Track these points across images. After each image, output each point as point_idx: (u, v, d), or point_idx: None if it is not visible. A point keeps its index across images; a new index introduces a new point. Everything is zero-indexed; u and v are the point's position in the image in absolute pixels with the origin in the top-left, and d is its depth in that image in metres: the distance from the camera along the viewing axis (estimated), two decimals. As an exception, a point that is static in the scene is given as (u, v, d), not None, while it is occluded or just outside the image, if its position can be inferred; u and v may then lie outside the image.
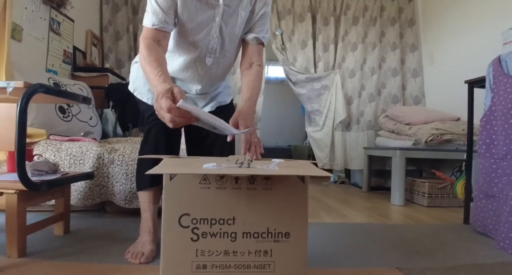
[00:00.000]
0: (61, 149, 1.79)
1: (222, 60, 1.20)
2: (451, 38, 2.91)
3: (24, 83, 1.08)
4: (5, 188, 1.13)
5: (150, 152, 1.20)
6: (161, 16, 1.03)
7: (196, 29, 1.10)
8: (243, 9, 1.13)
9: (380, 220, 1.91)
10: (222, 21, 1.11)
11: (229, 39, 1.16)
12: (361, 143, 3.26)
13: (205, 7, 1.08)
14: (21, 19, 2.15)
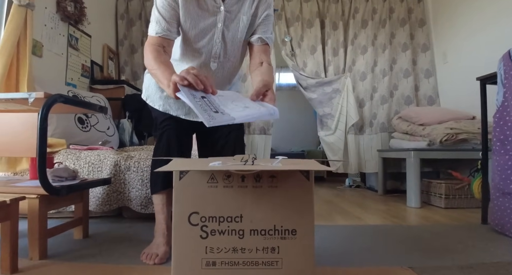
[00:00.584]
0: (80, 157, 1.87)
1: (226, 65, 1.24)
2: (464, 36, 2.87)
3: (44, 94, 1.15)
4: (27, 193, 1.20)
5: (163, 155, 1.24)
6: (164, 24, 1.08)
7: (199, 36, 1.14)
8: (245, 13, 1.16)
9: (395, 222, 1.89)
10: (224, 27, 1.15)
11: (232, 44, 1.20)
12: (375, 146, 3.23)
13: (206, 13, 1.12)
14: (41, 36, 2.28)
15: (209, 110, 0.77)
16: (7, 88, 1.88)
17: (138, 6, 3.39)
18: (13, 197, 1.05)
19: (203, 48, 1.17)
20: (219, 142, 1.35)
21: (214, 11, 1.12)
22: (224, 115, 0.76)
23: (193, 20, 1.12)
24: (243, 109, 0.84)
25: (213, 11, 1.12)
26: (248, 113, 0.82)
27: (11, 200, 1.04)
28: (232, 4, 1.14)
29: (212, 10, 1.12)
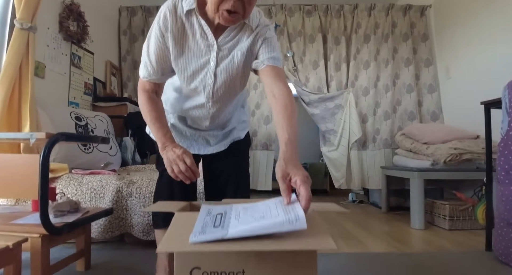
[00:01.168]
0: (83, 182, 1.87)
1: (222, 101, 1.17)
2: (467, 51, 2.86)
3: (46, 134, 1.15)
4: (29, 232, 1.20)
5: (166, 191, 1.23)
6: (151, 69, 1.06)
7: (192, 77, 1.09)
8: (240, 49, 1.07)
9: (399, 248, 1.87)
10: (217, 65, 1.08)
11: (225, 81, 1.11)
12: (378, 162, 3.21)
13: (199, 54, 1.06)
14: (44, 57, 2.29)
15: (207, 227, 0.72)
16: (10, 113, 1.88)
17: (140, 21, 3.40)
18: (15, 240, 1.04)
19: (196, 88, 1.12)
20: (223, 175, 1.32)
21: (207, 50, 1.05)
22: (216, 232, 0.67)
23: (184, 62, 1.06)
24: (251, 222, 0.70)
25: (205, 51, 1.05)
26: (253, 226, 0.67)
27: (14, 244, 1.03)
28: (226, 41, 1.06)
29: (204, 49, 1.05)
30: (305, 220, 0.68)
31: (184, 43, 1.04)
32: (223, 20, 0.97)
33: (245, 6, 0.96)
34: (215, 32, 1.04)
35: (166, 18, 0.99)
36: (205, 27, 1.03)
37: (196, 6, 1.00)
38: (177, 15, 1.00)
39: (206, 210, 0.85)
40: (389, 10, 3.34)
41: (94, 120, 2.43)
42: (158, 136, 1.03)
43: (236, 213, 0.83)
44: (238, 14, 0.96)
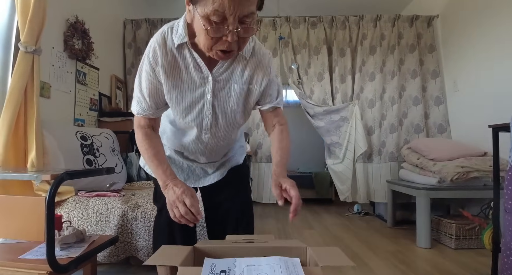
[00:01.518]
0: (88, 206, 1.88)
1: (221, 134, 1.14)
2: (475, 63, 2.82)
3: (51, 176, 1.15)
4: (37, 269, 1.21)
5: (165, 228, 1.21)
6: (145, 104, 1.02)
7: (187, 110, 1.06)
8: (236, 82, 1.04)
9: (404, 271, 1.86)
10: (214, 97, 1.04)
11: (224, 113, 1.09)
12: (384, 175, 3.19)
13: (193, 86, 1.02)
14: (49, 77, 2.30)
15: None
16: (16, 137, 1.89)
17: (145, 34, 3.40)
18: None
19: (192, 122, 1.08)
20: (224, 204, 1.30)
21: (202, 82, 1.02)
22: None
23: (178, 95, 1.02)
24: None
25: (200, 83, 1.02)
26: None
27: (20, 287, 1.04)
28: (221, 72, 1.02)
29: (199, 82, 1.02)
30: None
31: (176, 76, 1.00)
32: (217, 57, 0.93)
33: (240, 44, 0.90)
34: (208, 63, 1.00)
35: (156, 52, 0.96)
36: (198, 60, 0.98)
37: (188, 39, 0.96)
38: (167, 49, 0.97)
39: (209, 266, 0.85)
40: (395, 21, 3.30)
41: (99, 138, 2.44)
42: (158, 173, 1.02)
43: (240, 271, 0.83)
44: (233, 51, 0.92)
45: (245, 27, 0.84)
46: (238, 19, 0.81)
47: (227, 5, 0.78)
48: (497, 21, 2.56)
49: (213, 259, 0.89)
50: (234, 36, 0.84)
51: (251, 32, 0.88)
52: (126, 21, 3.41)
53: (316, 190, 4.33)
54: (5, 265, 1.22)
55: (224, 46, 0.87)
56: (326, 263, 0.89)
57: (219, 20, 0.81)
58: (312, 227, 3.01)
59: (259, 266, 0.84)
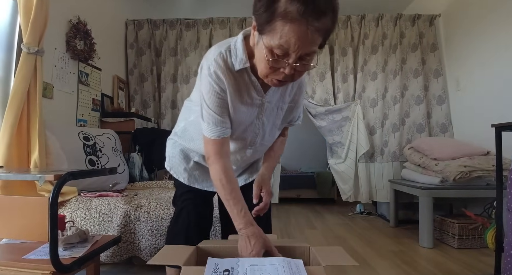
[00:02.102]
0: (91, 206, 1.89)
1: (260, 148, 1.20)
2: (477, 62, 2.81)
3: (54, 176, 1.16)
4: (40, 269, 1.21)
5: (182, 231, 1.21)
6: (225, 124, 1.02)
7: (241, 128, 1.09)
8: (283, 102, 1.12)
9: (406, 271, 1.85)
10: (265, 117, 1.10)
11: (270, 132, 1.16)
12: (386, 175, 3.18)
13: (251, 107, 1.06)
14: (52, 78, 2.31)
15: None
16: (19, 138, 1.90)
17: (147, 35, 3.41)
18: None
19: (240, 138, 1.12)
20: None
21: (258, 104, 1.06)
22: None
23: (239, 115, 1.05)
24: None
25: (256, 104, 1.06)
26: None
27: (25, 287, 1.05)
28: (273, 94, 1.07)
29: (256, 103, 1.05)
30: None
31: (238, 99, 1.02)
32: (271, 84, 0.95)
33: (295, 76, 0.91)
34: (262, 85, 1.03)
35: (219, 77, 0.97)
36: (256, 83, 1.01)
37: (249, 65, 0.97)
38: (229, 72, 0.98)
39: (212, 265, 0.86)
40: (397, 20, 3.29)
41: (102, 138, 2.45)
42: (233, 214, 0.98)
43: (243, 271, 0.83)
44: (287, 82, 0.94)
45: (304, 63, 0.86)
46: (300, 56, 0.83)
47: (293, 43, 0.80)
48: (500, 20, 2.55)
49: (216, 259, 0.89)
50: (292, 70, 0.86)
51: (308, 68, 0.91)
52: (128, 21, 3.42)
53: (318, 189, 4.33)
54: (8, 265, 1.23)
55: (280, 77, 0.90)
56: (329, 263, 0.88)
57: (281, 54, 0.83)
58: (314, 227, 3.01)
59: (262, 266, 0.84)
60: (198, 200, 1.24)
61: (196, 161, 1.26)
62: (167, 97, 3.39)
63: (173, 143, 1.33)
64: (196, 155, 1.26)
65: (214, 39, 3.35)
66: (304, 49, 0.81)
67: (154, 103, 3.42)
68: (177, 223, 1.24)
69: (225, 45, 0.99)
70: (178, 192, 1.30)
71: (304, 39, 0.79)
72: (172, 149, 1.32)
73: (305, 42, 0.80)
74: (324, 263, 0.88)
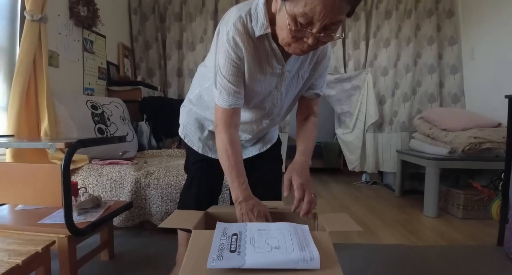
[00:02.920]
0: (102, 173, 1.94)
1: (277, 118, 1.18)
2: (495, 30, 2.67)
3: (65, 144, 1.18)
4: (56, 233, 1.27)
5: (193, 198, 1.25)
6: (235, 95, 0.97)
7: (258, 98, 1.06)
8: (304, 71, 1.06)
9: (410, 239, 1.90)
10: (283, 87, 1.06)
11: (288, 101, 1.13)
12: (394, 145, 3.17)
13: (270, 76, 1.01)
14: (56, 45, 2.28)
15: (223, 250, 0.75)
16: (28, 107, 1.91)
17: (150, 0, 3.29)
18: (44, 244, 1.11)
19: (257, 107, 1.09)
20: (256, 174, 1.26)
21: (277, 72, 1.01)
22: (234, 259, 0.70)
23: (256, 85, 1.01)
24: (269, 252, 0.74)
25: (275, 74, 1.01)
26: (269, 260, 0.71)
27: (43, 248, 1.10)
28: (294, 63, 1.02)
29: (275, 72, 1.01)
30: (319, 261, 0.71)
31: (256, 66, 0.98)
32: (293, 53, 0.90)
33: (318, 45, 0.86)
34: (283, 53, 0.96)
35: (238, 44, 0.92)
36: (276, 51, 0.96)
37: (270, 30, 0.91)
38: (249, 37, 0.92)
39: (221, 229, 0.88)
40: (414, -17, 3.11)
41: (109, 107, 2.46)
42: (234, 186, 0.98)
43: (251, 235, 0.85)
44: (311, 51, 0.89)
45: (328, 34, 0.81)
46: (324, 25, 0.78)
47: (318, 12, 0.74)
48: (525, -18, 2.39)
49: (225, 223, 0.92)
50: (315, 40, 0.81)
51: (332, 39, 0.84)
52: (131, -15, 3.30)
53: (324, 159, 4.35)
54: (25, 230, 1.29)
55: (303, 47, 0.85)
56: (334, 229, 0.90)
57: (305, 23, 0.78)
58: (320, 195, 3.06)
59: (269, 231, 0.87)
60: (210, 169, 1.24)
61: (211, 130, 1.25)
62: (173, 65, 3.34)
63: (188, 111, 1.31)
64: (211, 124, 1.24)
65: (220, 3, 3.22)
66: (330, 18, 0.76)
67: (160, 71, 3.37)
68: (188, 190, 1.27)
69: (246, 9, 0.92)
70: (191, 159, 1.31)
71: (331, 7, 0.74)
72: (187, 117, 1.31)
73: (331, 11, 0.74)
74: (329, 229, 0.90)
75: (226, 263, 0.70)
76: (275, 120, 1.18)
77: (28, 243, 1.10)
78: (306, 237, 0.82)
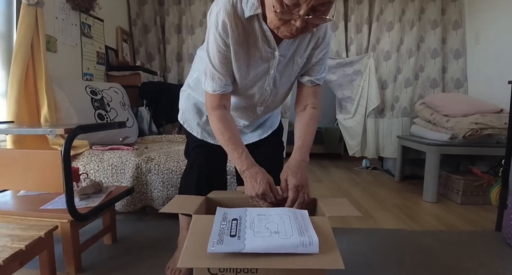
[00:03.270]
0: (103, 159, 1.95)
1: (272, 105, 1.15)
2: (501, 14, 2.61)
3: (65, 130, 1.17)
4: (59, 218, 1.29)
5: (193, 184, 1.25)
6: (221, 80, 0.98)
7: (249, 85, 1.03)
8: (300, 56, 1.01)
9: (409, 224, 1.92)
10: (277, 72, 1.02)
11: (282, 88, 1.09)
12: (395, 131, 3.16)
13: (259, 61, 0.99)
14: (54, 30, 2.24)
15: (224, 234, 0.76)
16: (27, 93, 1.90)
17: (149, -19, 3.22)
18: (47, 229, 1.13)
19: (252, 95, 1.07)
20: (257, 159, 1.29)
21: (268, 57, 0.98)
22: (233, 243, 0.71)
23: (245, 68, 0.99)
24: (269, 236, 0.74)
25: (266, 58, 0.98)
26: (269, 244, 0.72)
27: (46, 233, 1.12)
28: (288, 47, 0.98)
29: (265, 57, 0.98)
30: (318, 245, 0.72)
31: (245, 49, 0.95)
32: (282, 37, 0.87)
33: (309, 28, 0.83)
34: (275, 36, 0.93)
35: (225, 23, 0.89)
36: (267, 33, 0.93)
37: (261, 11, 0.88)
38: (238, 19, 0.90)
39: (221, 214, 0.89)
40: (419, -37, 3.02)
41: (109, 92, 2.44)
42: (233, 157, 0.99)
43: (251, 219, 0.86)
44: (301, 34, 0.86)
45: (318, 16, 0.77)
46: (312, 6, 0.74)
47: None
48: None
49: (225, 208, 0.92)
50: (303, 22, 0.78)
51: (323, 21, 0.81)
52: (128, -34, 3.21)
53: (325, 145, 4.35)
54: (28, 215, 1.30)
55: (292, 30, 0.82)
56: (333, 214, 0.91)
57: (291, 4, 0.75)
58: (320, 180, 3.08)
59: (269, 216, 0.88)
60: (210, 154, 1.25)
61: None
62: (172, 50, 3.29)
63: (186, 96, 1.30)
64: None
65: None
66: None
67: (159, 56, 3.33)
68: (188, 175, 1.28)
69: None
70: (191, 145, 1.32)
71: None
72: (186, 102, 1.30)
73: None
74: (329, 214, 0.90)
75: (226, 247, 0.71)
76: (270, 107, 1.15)
77: (31, 228, 1.12)
78: (305, 222, 0.83)
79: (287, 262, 0.74)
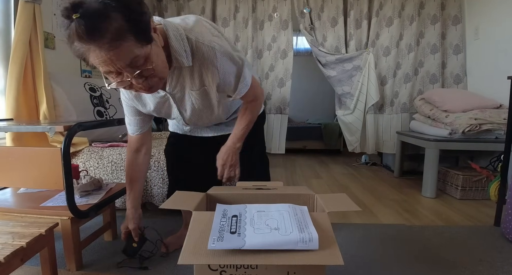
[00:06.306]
0: (103, 156, 1.95)
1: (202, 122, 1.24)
2: (501, 9, 2.60)
3: (64, 127, 1.17)
4: (59, 215, 1.29)
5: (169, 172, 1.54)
6: (136, 125, 1.20)
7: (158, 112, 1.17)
8: (191, 88, 1.04)
9: (408, 220, 1.93)
10: (179, 105, 1.12)
11: (208, 109, 1.14)
12: (394, 126, 3.16)
13: (157, 101, 1.11)
14: (52, 27, 2.23)
15: (224, 231, 0.76)
16: (25, 90, 1.89)
17: (147, -23, 3.19)
18: (47, 226, 1.13)
19: (177, 119, 1.23)
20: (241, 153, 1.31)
21: (161, 96, 1.09)
22: (234, 240, 0.72)
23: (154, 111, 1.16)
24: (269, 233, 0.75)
25: (161, 96, 1.09)
26: (269, 241, 0.72)
27: (46, 230, 1.12)
28: (174, 86, 1.03)
29: (159, 96, 1.09)
30: (318, 241, 0.72)
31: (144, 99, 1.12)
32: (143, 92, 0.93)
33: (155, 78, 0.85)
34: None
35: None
36: None
37: None
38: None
39: (221, 210, 0.90)
40: (419, -42, 3.00)
41: (108, 89, 2.43)
42: (127, 198, 1.32)
43: (251, 216, 0.87)
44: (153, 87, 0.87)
45: (142, 69, 0.80)
46: (128, 67, 0.78)
47: (104, 67, 0.76)
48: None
49: (225, 205, 0.93)
50: (138, 79, 0.82)
51: (151, 71, 0.82)
52: (126, -38, 3.18)
53: (324, 141, 4.36)
54: (28, 212, 1.30)
55: (141, 87, 0.86)
56: (333, 209, 0.92)
57: (115, 74, 0.80)
58: (319, 176, 3.09)
59: (269, 212, 0.88)
60: (176, 143, 1.45)
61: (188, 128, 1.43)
62: (172, 46, 3.27)
63: None
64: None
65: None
66: (120, 62, 0.75)
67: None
68: (166, 166, 1.51)
69: None
70: (172, 164, 1.51)
71: (107, 60, 0.73)
72: None
73: (111, 62, 0.74)
74: (328, 209, 0.91)
75: (227, 244, 0.72)
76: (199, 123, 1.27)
77: (31, 225, 1.12)
78: (305, 218, 0.84)
79: (287, 258, 0.75)
